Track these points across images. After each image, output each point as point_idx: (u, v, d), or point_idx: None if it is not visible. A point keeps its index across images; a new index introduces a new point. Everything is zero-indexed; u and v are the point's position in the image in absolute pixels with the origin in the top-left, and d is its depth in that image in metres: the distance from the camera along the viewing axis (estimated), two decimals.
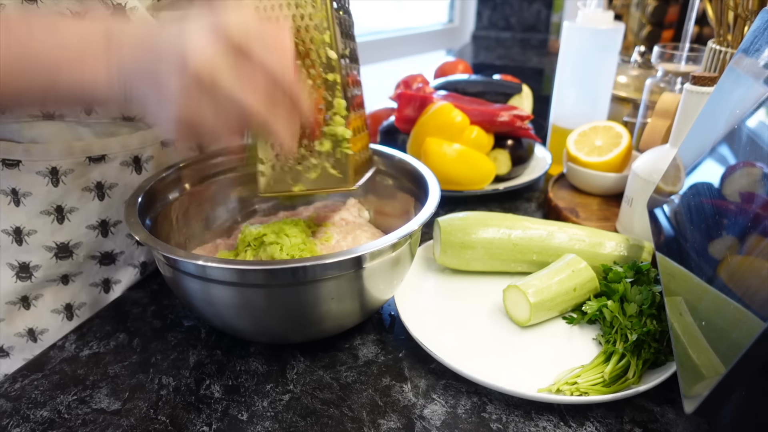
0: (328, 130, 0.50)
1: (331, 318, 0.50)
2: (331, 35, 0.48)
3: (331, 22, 0.48)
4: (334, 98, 0.49)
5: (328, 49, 0.48)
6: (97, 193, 0.59)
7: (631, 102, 1.05)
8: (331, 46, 0.48)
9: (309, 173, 0.52)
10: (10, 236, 0.56)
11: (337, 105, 0.49)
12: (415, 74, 1.05)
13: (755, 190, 0.37)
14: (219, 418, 0.46)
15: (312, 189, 0.52)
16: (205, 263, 0.44)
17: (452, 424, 0.46)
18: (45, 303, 0.60)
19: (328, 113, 0.50)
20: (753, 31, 0.49)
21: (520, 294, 0.55)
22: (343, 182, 0.51)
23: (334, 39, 0.48)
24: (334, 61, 0.48)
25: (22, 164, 0.54)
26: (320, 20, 0.47)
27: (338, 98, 0.49)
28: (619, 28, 0.87)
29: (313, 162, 0.51)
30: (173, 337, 0.56)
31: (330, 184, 0.52)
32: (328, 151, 0.51)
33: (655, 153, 0.67)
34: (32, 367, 0.52)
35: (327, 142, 0.50)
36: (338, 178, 0.51)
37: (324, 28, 0.48)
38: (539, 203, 0.86)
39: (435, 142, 0.81)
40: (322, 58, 0.48)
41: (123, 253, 0.63)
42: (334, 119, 0.50)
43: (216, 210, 0.66)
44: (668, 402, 0.48)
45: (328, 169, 0.51)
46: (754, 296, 0.32)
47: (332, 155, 0.51)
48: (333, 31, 0.48)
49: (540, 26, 2.19)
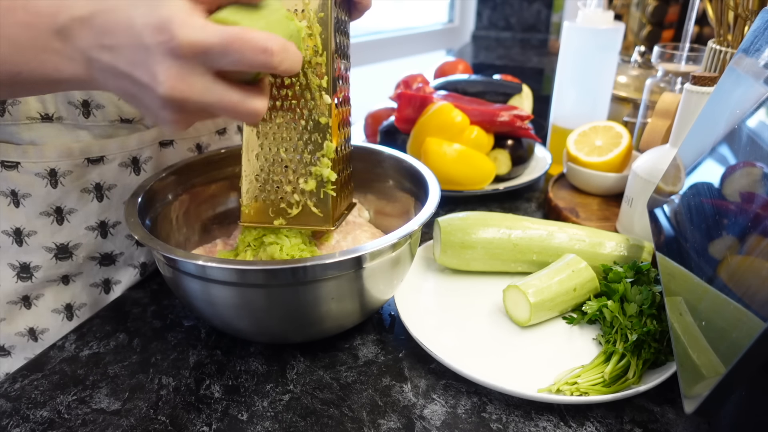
0: (314, 170, 0.51)
1: (331, 318, 0.50)
2: (329, 81, 0.48)
3: (330, 67, 0.48)
4: (324, 141, 0.50)
5: (324, 94, 0.49)
6: (96, 195, 0.59)
7: (631, 102, 1.05)
8: (327, 91, 0.49)
9: (291, 209, 0.53)
10: (11, 237, 0.56)
11: (326, 148, 0.50)
12: (415, 74, 1.05)
13: (755, 190, 0.37)
14: (219, 418, 0.46)
15: (291, 225, 0.53)
16: (205, 263, 0.44)
17: (452, 424, 0.46)
18: (46, 303, 0.60)
19: (316, 154, 0.51)
20: (753, 31, 0.49)
21: (520, 294, 0.55)
22: (324, 221, 0.52)
23: (330, 84, 0.49)
24: (328, 106, 0.49)
25: (21, 166, 0.54)
26: (319, 63, 0.48)
27: (328, 141, 0.50)
28: (619, 28, 0.87)
29: (296, 199, 0.52)
30: (173, 337, 0.56)
31: (310, 222, 0.53)
32: (312, 190, 0.52)
33: (655, 153, 0.67)
34: (32, 367, 0.52)
35: (312, 182, 0.51)
36: (319, 217, 0.52)
37: (322, 74, 0.48)
38: (539, 203, 0.86)
39: (435, 142, 0.81)
40: (316, 101, 0.49)
41: (123, 254, 0.63)
42: (322, 161, 0.51)
43: (216, 210, 0.66)
44: (668, 402, 0.48)
45: (309, 207, 0.52)
46: (754, 296, 0.32)
47: (316, 194, 0.52)
48: (330, 76, 0.48)
49: (540, 26, 2.19)
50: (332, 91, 0.49)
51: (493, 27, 2.27)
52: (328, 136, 0.50)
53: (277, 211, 0.53)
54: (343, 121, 0.54)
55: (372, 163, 0.66)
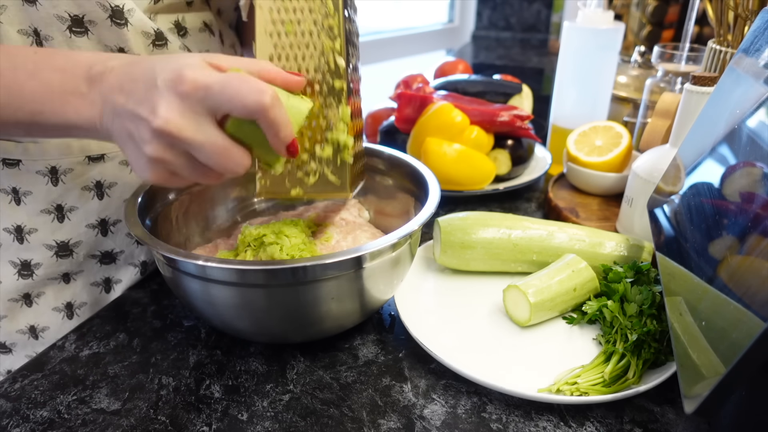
0: (331, 136, 0.50)
1: (331, 318, 0.50)
2: (341, 43, 0.48)
3: (341, 30, 0.48)
4: (339, 105, 0.49)
5: (337, 56, 0.48)
6: (97, 192, 0.59)
7: (631, 102, 1.05)
8: (340, 53, 0.48)
9: (308, 178, 0.52)
10: (12, 234, 0.57)
11: (342, 112, 0.49)
12: (415, 74, 1.05)
13: (755, 190, 0.37)
14: (219, 418, 0.46)
15: (309, 193, 0.52)
16: (205, 263, 0.44)
17: (452, 424, 0.46)
18: (47, 301, 0.60)
19: (332, 120, 0.50)
20: (753, 31, 0.49)
21: (520, 294, 0.55)
22: (341, 189, 0.52)
23: (343, 46, 0.48)
24: (341, 69, 0.49)
25: (22, 164, 0.54)
26: (331, 26, 0.48)
27: (343, 105, 0.49)
28: (619, 28, 0.87)
29: (312, 167, 0.51)
30: (173, 337, 0.56)
31: (327, 189, 0.52)
32: (328, 157, 0.51)
33: (655, 153, 0.67)
34: (32, 367, 0.52)
35: (328, 148, 0.50)
36: (336, 184, 0.51)
37: (335, 36, 0.48)
38: (539, 203, 0.86)
39: (435, 142, 0.81)
40: (330, 65, 0.49)
41: (123, 253, 0.63)
42: (338, 126, 0.50)
43: (216, 210, 0.66)
44: (668, 402, 0.48)
45: (327, 174, 0.51)
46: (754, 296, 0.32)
47: (332, 161, 0.51)
48: (343, 38, 0.48)
49: (540, 26, 2.19)
50: (346, 53, 0.48)
51: (493, 27, 2.27)
52: (344, 99, 0.49)
53: (293, 180, 0.52)
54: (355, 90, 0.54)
55: (372, 163, 0.67)
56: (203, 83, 0.38)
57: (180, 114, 0.37)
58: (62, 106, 0.40)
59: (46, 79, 0.40)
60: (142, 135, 0.38)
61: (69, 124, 0.41)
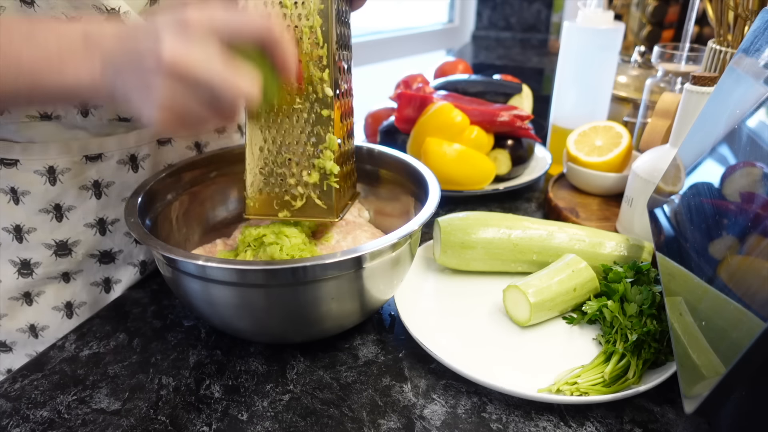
0: (318, 163, 0.51)
1: (331, 318, 0.50)
2: (330, 73, 0.49)
3: (330, 60, 0.49)
4: (327, 134, 0.50)
5: (326, 87, 0.49)
6: (95, 192, 0.59)
7: (631, 102, 1.05)
8: (329, 84, 0.49)
9: (295, 201, 0.53)
10: (11, 234, 0.57)
11: (329, 140, 0.51)
12: (415, 74, 1.05)
13: (755, 190, 0.37)
14: (219, 418, 0.46)
15: (296, 217, 0.54)
16: (205, 263, 0.44)
17: (452, 424, 0.46)
18: (46, 300, 0.60)
19: (319, 147, 0.51)
20: (753, 31, 0.49)
21: (520, 294, 0.55)
22: (328, 213, 0.53)
23: (331, 76, 0.49)
24: (329, 98, 0.50)
25: (20, 163, 0.54)
26: (321, 57, 0.49)
27: (330, 134, 0.50)
28: (619, 28, 0.87)
29: (300, 191, 0.53)
30: (173, 337, 0.56)
31: (314, 213, 0.53)
32: (315, 182, 0.52)
33: (655, 153, 0.67)
34: (32, 367, 0.52)
35: (315, 174, 0.52)
36: (323, 209, 0.53)
37: (324, 66, 0.49)
38: (539, 203, 0.86)
39: (435, 142, 0.81)
40: (318, 94, 0.50)
41: (122, 252, 0.63)
42: (325, 153, 0.51)
43: (216, 210, 0.66)
44: (668, 402, 0.48)
45: (313, 199, 0.53)
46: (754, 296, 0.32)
47: (319, 186, 0.52)
48: (331, 69, 0.49)
49: (540, 26, 2.19)
50: (334, 84, 0.49)
51: (493, 27, 2.27)
52: (331, 128, 0.50)
53: (281, 203, 0.53)
54: (346, 112, 0.54)
55: (372, 163, 0.67)
56: (207, 16, 0.38)
57: (186, 44, 0.37)
58: (60, 66, 0.40)
59: (42, 43, 0.40)
60: (148, 66, 0.37)
61: (69, 85, 0.40)
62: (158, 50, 0.36)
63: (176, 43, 0.37)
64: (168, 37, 0.37)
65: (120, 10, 0.51)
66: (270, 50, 0.41)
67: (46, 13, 0.49)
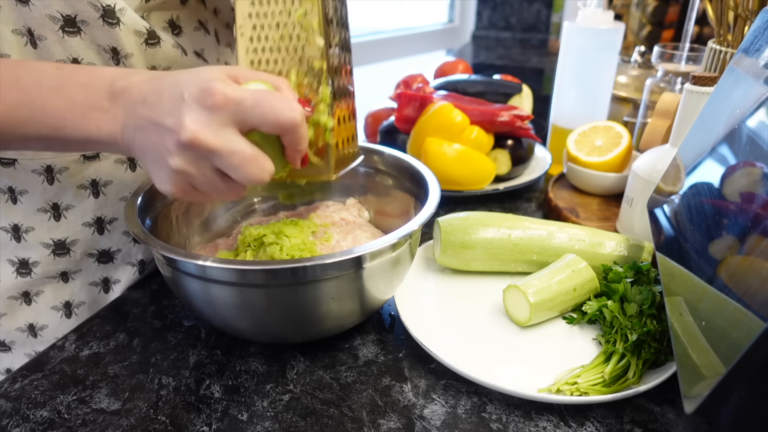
0: (312, 118, 0.49)
1: (331, 318, 0.50)
2: (319, 21, 0.48)
3: (319, 9, 0.47)
4: (320, 86, 0.49)
5: (316, 36, 0.48)
6: (92, 191, 0.59)
7: (631, 102, 1.05)
8: (319, 32, 0.48)
9: None
10: (9, 233, 0.57)
11: (322, 93, 0.49)
12: (415, 74, 1.05)
13: (755, 190, 0.37)
14: (219, 418, 0.46)
15: (291, 177, 0.51)
16: (205, 263, 0.44)
17: (452, 424, 0.46)
18: (45, 299, 0.60)
19: (312, 101, 0.49)
20: (753, 31, 0.49)
21: (520, 294, 0.55)
22: (324, 171, 0.51)
23: (321, 25, 0.48)
24: (320, 49, 0.48)
25: (18, 163, 0.54)
26: (309, 6, 0.47)
27: (323, 85, 0.49)
28: (619, 28, 0.87)
29: None
30: (173, 337, 0.56)
31: (310, 172, 0.51)
32: (310, 138, 0.50)
33: (655, 153, 0.67)
34: (32, 367, 0.52)
35: (310, 130, 0.49)
36: (319, 167, 0.51)
37: (314, 14, 0.47)
38: (539, 203, 0.86)
39: (435, 142, 0.81)
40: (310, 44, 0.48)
41: (120, 251, 0.63)
42: (318, 107, 0.49)
43: (216, 210, 0.66)
44: (668, 402, 0.48)
45: (309, 156, 0.50)
46: (754, 296, 0.32)
47: (314, 144, 0.50)
48: (321, 17, 0.48)
49: (540, 26, 2.19)
50: (325, 33, 0.48)
51: (493, 27, 2.27)
52: (324, 80, 0.49)
53: None
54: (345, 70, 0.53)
55: (372, 163, 0.67)
56: (234, 97, 0.38)
57: (207, 126, 0.38)
58: (84, 121, 0.41)
59: (69, 94, 0.41)
60: (168, 147, 0.39)
61: (90, 138, 0.42)
62: (179, 130, 0.38)
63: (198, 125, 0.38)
64: (190, 115, 0.38)
65: (116, 7, 0.51)
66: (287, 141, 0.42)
67: (41, 12, 0.49)
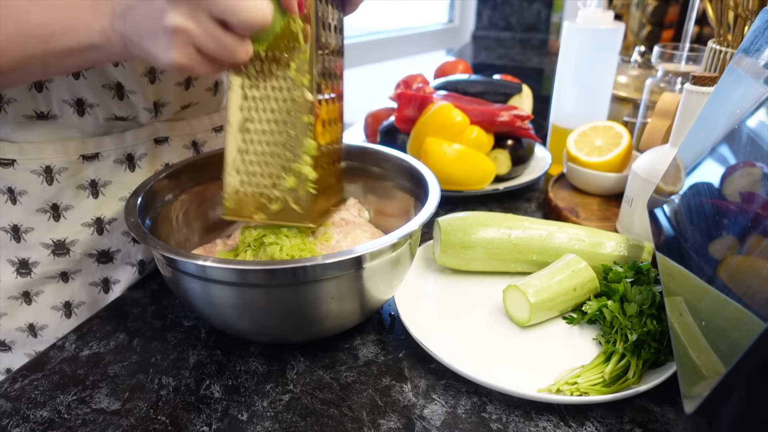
0: (295, 167, 0.51)
1: (331, 318, 0.50)
2: (310, 78, 0.48)
3: (312, 65, 0.48)
4: (305, 138, 0.50)
5: (305, 92, 0.49)
6: (92, 191, 0.59)
7: (631, 102, 1.05)
8: (309, 88, 0.49)
9: (271, 204, 0.52)
10: (9, 234, 0.57)
11: (307, 145, 0.50)
12: (415, 74, 1.05)
13: (755, 190, 0.37)
14: (219, 418, 0.46)
15: (272, 220, 0.53)
16: (205, 263, 0.44)
17: (452, 424, 0.46)
18: (45, 299, 0.60)
19: (297, 151, 0.50)
20: (753, 31, 0.49)
21: (520, 294, 0.55)
22: (304, 218, 0.52)
23: (312, 82, 0.48)
24: (310, 103, 0.49)
25: (17, 163, 0.54)
26: (302, 62, 0.48)
27: (309, 139, 0.50)
28: (619, 28, 0.87)
29: (276, 194, 0.52)
30: (173, 337, 0.56)
31: (290, 218, 0.53)
32: (291, 187, 0.51)
33: (655, 153, 0.67)
34: (32, 367, 0.52)
35: (292, 179, 0.51)
36: (299, 213, 0.52)
37: (305, 71, 0.48)
38: (539, 203, 0.86)
39: (435, 142, 0.81)
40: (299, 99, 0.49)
41: (120, 251, 0.63)
42: (303, 158, 0.50)
43: (216, 210, 0.66)
44: (668, 402, 0.48)
45: (290, 203, 0.52)
46: (754, 296, 0.32)
47: (295, 191, 0.52)
48: (312, 74, 0.48)
49: (540, 26, 2.19)
50: (315, 89, 0.49)
51: (493, 27, 2.27)
52: (309, 134, 0.50)
53: (257, 205, 0.53)
54: (335, 117, 0.54)
55: (372, 163, 0.67)
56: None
57: None
58: (71, 23, 0.40)
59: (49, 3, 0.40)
60: (160, 7, 0.37)
61: (81, 43, 0.41)
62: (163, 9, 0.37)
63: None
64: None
65: None
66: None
67: None
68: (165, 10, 0.37)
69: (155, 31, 0.39)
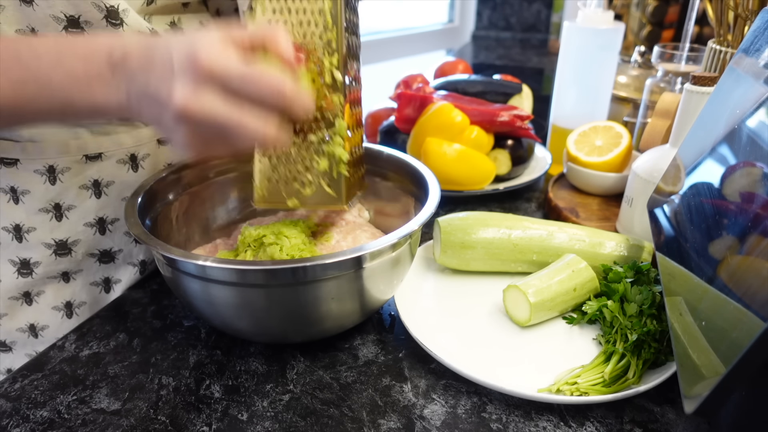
0: (327, 149, 0.50)
1: (331, 318, 0.50)
2: (339, 57, 0.48)
3: (340, 44, 0.48)
4: (336, 119, 0.49)
5: (335, 71, 0.48)
6: (94, 191, 0.59)
7: (631, 102, 1.05)
8: (338, 68, 0.48)
9: (304, 189, 0.52)
10: (11, 233, 0.57)
11: (339, 126, 0.49)
12: (415, 74, 1.05)
13: (755, 190, 0.37)
14: (219, 418, 0.46)
15: (305, 205, 0.53)
16: (205, 263, 0.44)
17: (452, 424, 0.46)
18: (46, 299, 0.60)
19: (328, 132, 0.50)
20: (753, 31, 0.49)
21: (520, 294, 0.55)
22: (337, 201, 0.52)
23: (341, 61, 0.48)
24: (339, 83, 0.49)
25: (20, 163, 0.54)
26: (330, 41, 0.48)
27: (339, 119, 0.49)
28: (619, 28, 0.87)
29: (309, 178, 0.52)
30: (173, 337, 0.56)
31: (323, 201, 0.52)
32: (324, 169, 0.51)
33: (655, 153, 0.67)
34: (32, 367, 0.52)
35: (324, 161, 0.51)
36: (332, 196, 0.52)
37: (333, 50, 0.48)
38: (539, 203, 0.86)
39: (435, 142, 0.81)
40: (327, 79, 0.49)
41: (121, 251, 0.63)
42: (335, 139, 0.50)
43: (216, 210, 0.66)
44: (668, 402, 0.48)
45: (323, 186, 0.52)
46: (754, 296, 0.32)
47: (328, 174, 0.51)
48: (341, 53, 0.48)
49: (540, 26, 2.19)
50: (343, 68, 0.48)
51: (493, 27, 2.27)
52: (340, 114, 0.49)
53: (290, 191, 0.52)
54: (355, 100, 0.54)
55: (372, 163, 0.66)
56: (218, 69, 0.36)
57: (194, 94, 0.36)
58: (90, 93, 0.40)
59: (69, 68, 0.40)
60: (167, 122, 0.38)
61: (100, 109, 0.41)
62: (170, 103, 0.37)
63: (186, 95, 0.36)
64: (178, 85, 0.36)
65: (119, 8, 0.51)
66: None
67: (45, 13, 0.49)
68: (171, 128, 0.38)
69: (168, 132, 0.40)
